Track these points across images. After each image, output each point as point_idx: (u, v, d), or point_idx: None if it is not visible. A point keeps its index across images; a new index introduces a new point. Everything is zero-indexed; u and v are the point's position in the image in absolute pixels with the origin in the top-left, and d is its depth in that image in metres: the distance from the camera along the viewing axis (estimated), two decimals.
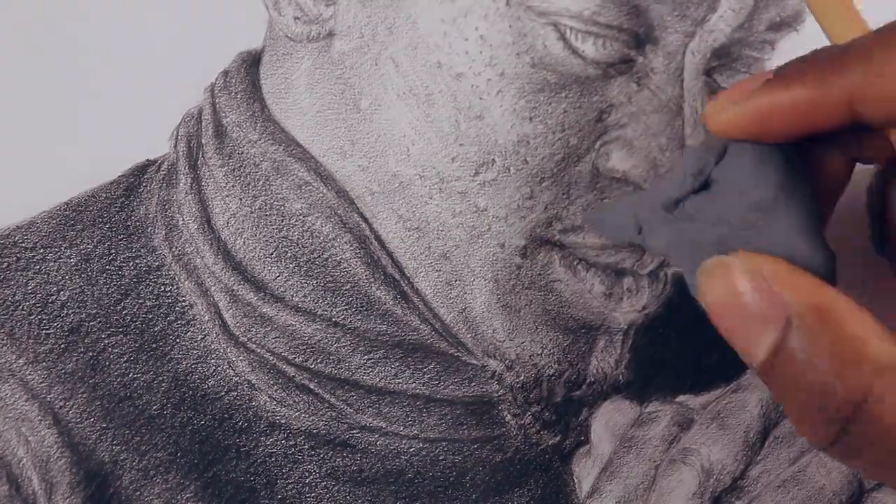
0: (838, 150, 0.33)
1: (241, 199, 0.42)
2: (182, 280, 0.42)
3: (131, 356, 0.41)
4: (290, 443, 0.41)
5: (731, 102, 0.30)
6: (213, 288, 0.41)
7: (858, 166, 0.33)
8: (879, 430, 0.26)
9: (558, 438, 0.43)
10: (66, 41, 0.44)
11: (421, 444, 0.42)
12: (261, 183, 0.42)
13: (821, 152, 0.32)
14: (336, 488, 0.41)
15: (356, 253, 0.41)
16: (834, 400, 0.26)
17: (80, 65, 0.43)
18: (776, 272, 0.28)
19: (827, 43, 0.32)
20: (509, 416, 0.43)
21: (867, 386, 0.26)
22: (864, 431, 0.26)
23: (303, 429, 0.41)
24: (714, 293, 0.29)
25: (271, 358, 0.41)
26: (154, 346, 0.41)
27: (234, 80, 0.43)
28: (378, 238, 0.41)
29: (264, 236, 0.42)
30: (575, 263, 0.41)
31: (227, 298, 0.41)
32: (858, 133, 0.30)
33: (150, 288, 0.42)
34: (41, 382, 0.40)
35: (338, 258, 0.41)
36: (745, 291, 0.28)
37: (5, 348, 0.40)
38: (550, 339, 0.42)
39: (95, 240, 0.42)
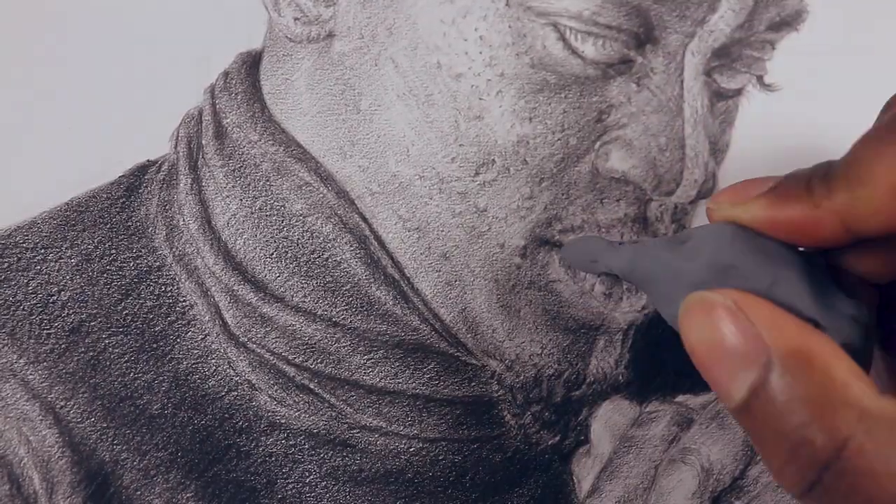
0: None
1: (241, 200, 0.42)
2: (182, 280, 0.42)
3: (132, 356, 0.41)
4: (291, 442, 0.41)
5: (731, 204, 0.30)
6: (213, 288, 0.42)
7: None
8: (855, 482, 0.25)
9: (558, 438, 0.43)
10: (67, 41, 0.44)
11: (421, 444, 0.42)
12: (261, 183, 0.42)
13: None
14: (336, 488, 0.41)
15: (356, 253, 0.41)
16: (811, 446, 0.25)
17: (80, 65, 0.44)
18: (760, 311, 0.27)
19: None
20: (509, 416, 0.43)
21: (847, 433, 0.25)
22: (840, 481, 0.25)
23: (303, 429, 0.41)
24: (694, 331, 0.28)
25: (271, 358, 0.41)
26: (155, 346, 0.41)
27: (234, 81, 0.43)
28: (378, 238, 0.41)
29: (265, 237, 0.42)
30: None
31: (228, 299, 0.41)
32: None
33: (151, 288, 0.42)
34: (42, 382, 0.40)
35: (338, 258, 0.41)
36: (726, 330, 0.27)
37: (6, 348, 0.40)
38: (550, 340, 0.42)
39: (96, 240, 0.42)
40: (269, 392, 0.41)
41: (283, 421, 0.41)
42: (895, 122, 0.27)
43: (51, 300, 0.41)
